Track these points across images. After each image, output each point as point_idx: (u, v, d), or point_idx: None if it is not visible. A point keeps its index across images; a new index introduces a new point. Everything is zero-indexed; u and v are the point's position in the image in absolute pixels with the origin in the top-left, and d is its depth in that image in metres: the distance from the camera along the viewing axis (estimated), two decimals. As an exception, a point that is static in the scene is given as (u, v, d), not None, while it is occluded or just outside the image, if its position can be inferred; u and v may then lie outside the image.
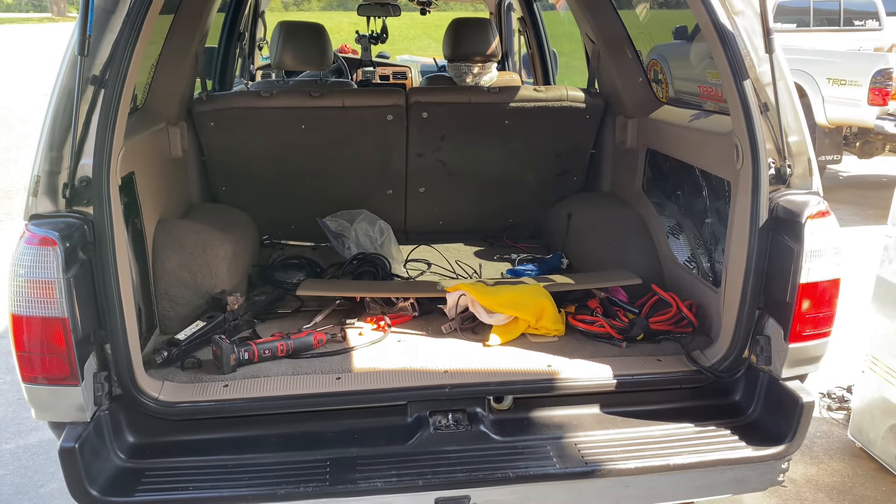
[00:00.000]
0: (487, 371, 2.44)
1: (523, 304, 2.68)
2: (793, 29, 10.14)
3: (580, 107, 3.58)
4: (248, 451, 2.22)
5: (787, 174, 2.28)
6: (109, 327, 2.08)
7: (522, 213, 3.93)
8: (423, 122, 3.54)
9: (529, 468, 2.16)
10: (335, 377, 2.39)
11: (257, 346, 2.47)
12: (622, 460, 2.19)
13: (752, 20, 2.27)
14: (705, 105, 3.07)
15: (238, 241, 3.08)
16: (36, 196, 2.04)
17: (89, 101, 2.04)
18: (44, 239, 1.94)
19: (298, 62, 3.84)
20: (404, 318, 2.84)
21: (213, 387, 2.33)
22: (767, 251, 2.27)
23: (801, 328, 2.24)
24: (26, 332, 1.99)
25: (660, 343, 2.62)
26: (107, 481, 2.06)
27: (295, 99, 3.43)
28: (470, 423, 2.30)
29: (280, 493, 2.06)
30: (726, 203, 2.74)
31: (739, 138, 2.31)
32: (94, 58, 2.04)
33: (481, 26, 4.05)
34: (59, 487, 3.46)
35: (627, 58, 3.52)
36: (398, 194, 3.79)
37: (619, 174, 3.69)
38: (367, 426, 2.32)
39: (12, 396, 4.28)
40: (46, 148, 2.04)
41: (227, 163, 3.53)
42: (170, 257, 2.71)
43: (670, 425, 2.36)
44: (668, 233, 3.14)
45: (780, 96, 2.24)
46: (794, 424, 2.24)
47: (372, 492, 2.09)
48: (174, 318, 2.69)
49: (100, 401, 2.11)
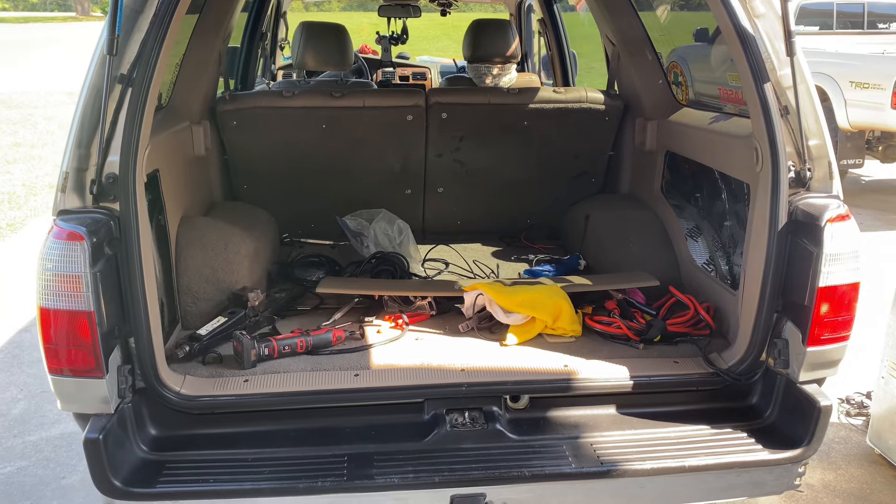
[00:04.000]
0: (504, 370, 2.45)
1: (541, 305, 2.69)
2: (815, 31, 10.04)
3: (599, 108, 3.58)
4: (267, 445, 2.25)
5: (807, 177, 2.27)
6: (134, 321, 2.12)
7: (540, 214, 3.94)
8: (442, 122, 3.56)
9: (545, 467, 2.17)
10: (353, 374, 2.41)
11: (277, 342, 2.50)
12: (638, 461, 2.19)
13: (774, 23, 2.27)
14: (725, 108, 3.06)
15: (259, 238, 3.12)
16: (64, 192, 2.08)
17: (117, 100, 2.08)
18: (71, 234, 1.98)
19: (320, 62, 3.88)
20: (422, 316, 2.87)
21: (234, 381, 2.36)
22: (786, 254, 2.27)
23: (819, 332, 2.23)
24: (53, 325, 2.03)
25: (677, 345, 2.62)
26: (129, 472, 2.10)
27: (316, 99, 3.47)
28: (486, 422, 2.32)
29: (299, 487, 2.09)
30: (745, 206, 2.73)
31: (759, 141, 2.31)
32: (123, 57, 2.08)
33: (501, 27, 4.06)
34: (81, 479, 3.52)
35: (647, 60, 3.52)
36: (417, 194, 3.81)
37: (637, 176, 3.68)
38: (385, 423, 2.34)
39: (35, 389, 4.35)
40: (75, 145, 2.08)
41: (249, 162, 3.57)
42: (192, 254, 2.75)
43: (686, 427, 2.36)
44: (687, 235, 3.14)
45: (801, 100, 2.23)
46: (811, 428, 2.23)
47: (389, 487, 2.11)
48: (196, 314, 2.73)
49: (123, 393, 2.15)
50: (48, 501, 3.38)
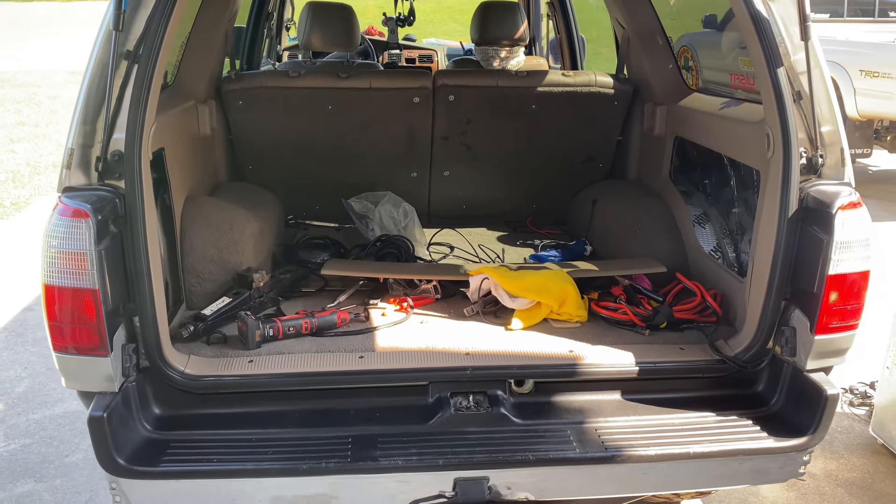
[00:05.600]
0: (509, 354, 2.44)
1: (546, 290, 2.67)
2: (826, 19, 9.94)
3: (608, 93, 3.55)
4: (271, 425, 2.25)
5: (819, 164, 2.24)
6: (138, 300, 2.11)
7: (547, 199, 3.92)
8: (449, 105, 3.53)
9: (549, 451, 2.16)
10: (358, 356, 2.41)
11: (282, 323, 2.49)
12: (642, 447, 2.19)
13: (788, 6, 2.23)
14: (736, 93, 3.03)
15: (264, 219, 3.11)
16: (69, 169, 2.07)
17: (123, 76, 2.06)
18: (76, 211, 1.97)
19: (326, 43, 3.84)
20: (427, 300, 2.85)
21: (238, 362, 2.36)
22: (796, 242, 2.25)
23: (827, 320, 2.21)
24: (58, 303, 2.02)
25: (683, 332, 2.60)
26: (133, 451, 2.10)
27: (323, 80, 3.44)
28: (490, 406, 2.31)
29: (302, 467, 2.09)
30: (754, 193, 2.70)
31: (771, 127, 2.28)
32: (129, 33, 2.06)
33: (510, 10, 4.01)
34: (84, 458, 3.54)
35: (658, 44, 3.48)
36: (422, 177, 3.79)
37: (645, 162, 3.66)
38: (389, 405, 2.34)
39: (39, 367, 4.37)
40: (80, 121, 2.06)
41: (254, 142, 3.55)
42: (197, 233, 2.74)
43: (691, 414, 2.35)
44: (694, 222, 3.11)
45: (815, 85, 2.20)
46: (817, 417, 2.22)
47: (393, 469, 2.11)
48: (200, 294, 2.72)
49: (128, 372, 2.14)
50: (51, 479, 3.40)
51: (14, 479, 3.40)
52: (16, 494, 3.30)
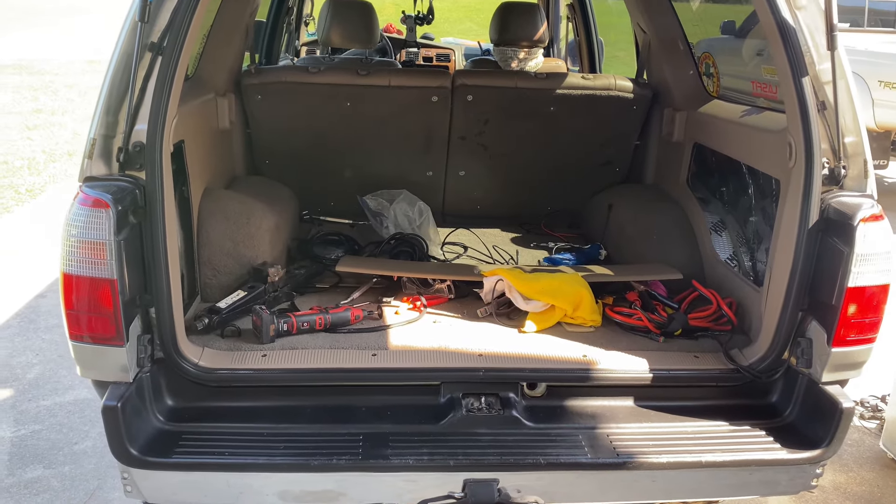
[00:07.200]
0: (522, 356, 2.44)
1: (561, 293, 2.67)
2: (846, 29, 9.87)
3: (628, 97, 3.53)
4: (283, 420, 2.25)
5: (841, 175, 2.22)
6: (155, 291, 2.11)
7: (561, 201, 3.91)
8: (467, 104, 3.52)
9: (560, 456, 2.16)
10: (371, 353, 2.41)
11: (296, 318, 2.49)
12: (654, 454, 2.18)
13: (815, 15, 2.22)
14: (758, 101, 3.01)
15: (281, 213, 3.11)
16: (91, 159, 2.08)
17: (146, 68, 2.06)
18: (97, 201, 1.98)
19: (346, 40, 3.84)
20: (440, 299, 2.85)
21: (252, 356, 2.36)
22: (815, 252, 2.23)
23: (845, 332, 2.19)
24: (75, 291, 2.03)
25: (697, 339, 2.59)
26: (146, 441, 2.11)
27: (342, 76, 3.44)
28: (502, 408, 2.31)
29: (313, 464, 2.09)
30: (772, 202, 2.69)
31: (794, 136, 2.27)
32: (154, 24, 2.06)
33: (530, 11, 4.00)
34: (93, 445, 3.56)
35: (679, 50, 3.46)
36: (438, 176, 3.78)
37: (662, 167, 3.64)
38: (401, 403, 2.34)
39: (51, 354, 4.39)
40: (103, 112, 2.07)
41: (272, 136, 3.56)
42: (214, 226, 2.74)
43: (704, 422, 2.33)
44: (711, 229, 3.09)
45: (840, 95, 2.18)
46: (832, 429, 2.20)
47: (403, 468, 2.11)
48: (215, 287, 2.73)
49: (142, 363, 2.15)
50: (60, 466, 3.42)
51: (23, 465, 3.42)
52: (25, 480, 3.32)
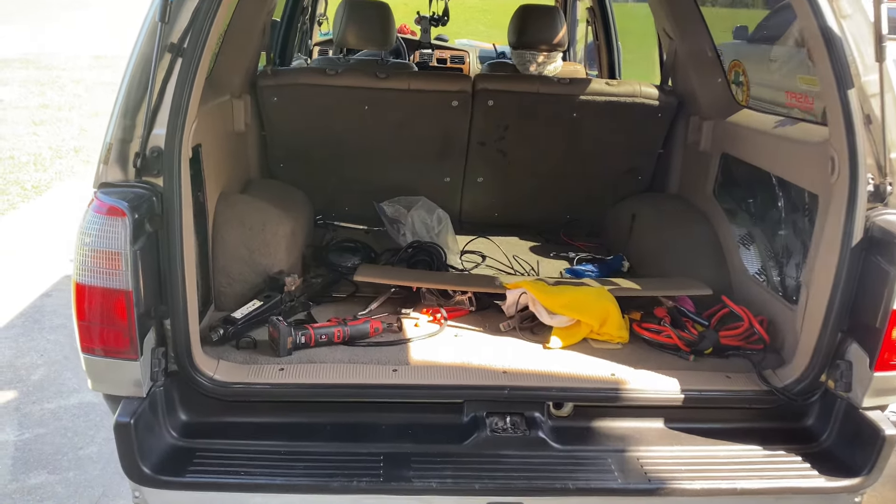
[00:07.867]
0: (548, 374, 2.35)
1: (587, 308, 2.58)
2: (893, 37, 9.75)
3: (652, 104, 3.45)
4: (300, 438, 2.17)
5: (887, 192, 2.14)
6: (171, 303, 2.03)
7: (581, 209, 3.82)
8: (488, 110, 3.44)
9: (590, 481, 2.07)
10: (392, 369, 2.32)
11: (314, 330, 2.41)
12: (687, 480, 2.09)
13: (861, 25, 2.13)
14: (792, 112, 2.92)
15: (296, 219, 3.03)
16: (107, 164, 2.00)
17: (165, 70, 1.98)
18: (112, 208, 1.90)
19: (362, 41, 3.78)
20: (461, 311, 2.76)
21: (269, 369, 2.28)
22: (858, 272, 2.14)
23: (889, 356, 2.10)
24: (88, 302, 1.95)
25: (728, 358, 2.49)
26: (159, 459, 2.03)
27: (360, 79, 3.36)
28: (528, 428, 2.22)
29: (333, 485, 2.01)
30: (804, 216, 2.60)
31: (837, 150, 2.17)
32: (174, 25, 1.98)
33: (550, 14, 3.93)
34: (98, 451, 3.48)
35: (707, 56, 3.37)
36: (455, 182, 3.70)
37: (688, 176, 3.54)
38: (422, 422, 2.26)
39: (55, 355, 4.31)
40: (120, 115, 1.99)
41: (287, 139, 3.48)
42: (230, 233, 2.66)
43: (737, 446, 2.25)
44: (739, 242, 3.00)
45: (887, 109, 2.09)
46: (873, 457, 2.11)
47: (427, 492, 2.03)
48: (230, 295, 2.65)
49: (156, 377, 2.07)
50: (65, 472, 3.34)
51: (27, 470, 3.34)
52: (28, 486, 3.24)
